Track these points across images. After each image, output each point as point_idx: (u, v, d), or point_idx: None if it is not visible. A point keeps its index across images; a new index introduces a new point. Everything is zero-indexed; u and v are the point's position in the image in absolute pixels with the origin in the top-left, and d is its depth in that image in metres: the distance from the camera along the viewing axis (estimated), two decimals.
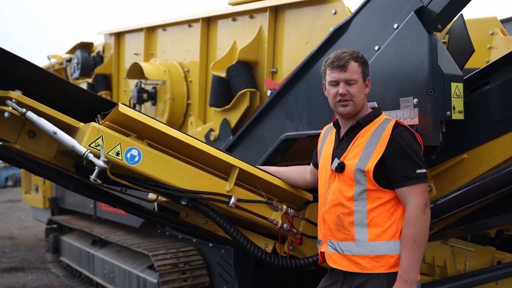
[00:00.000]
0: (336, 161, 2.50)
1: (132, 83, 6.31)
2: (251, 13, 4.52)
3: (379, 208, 2.41)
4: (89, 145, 2.61)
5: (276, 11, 4.28)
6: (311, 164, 3.02)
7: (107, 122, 2.75)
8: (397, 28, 2.97)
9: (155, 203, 3.54)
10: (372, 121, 2.52)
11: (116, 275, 5.65)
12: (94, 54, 7.45)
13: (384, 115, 2.57)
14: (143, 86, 5.58)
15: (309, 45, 3.91)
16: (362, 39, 3.25)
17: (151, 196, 3.38)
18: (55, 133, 2.62)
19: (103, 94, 6.80)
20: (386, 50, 2.97)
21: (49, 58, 8.47)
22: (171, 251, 4.92)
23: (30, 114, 2.65)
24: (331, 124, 2.79)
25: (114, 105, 3.07)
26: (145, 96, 5.54)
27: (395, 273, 2.35)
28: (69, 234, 7.75)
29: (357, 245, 2.42)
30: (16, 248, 10.13)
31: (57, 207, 8.43)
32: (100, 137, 2.63)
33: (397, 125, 2.45)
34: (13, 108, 2.64)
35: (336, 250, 2.50)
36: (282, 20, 4.25)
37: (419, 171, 2.38)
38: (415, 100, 2.77)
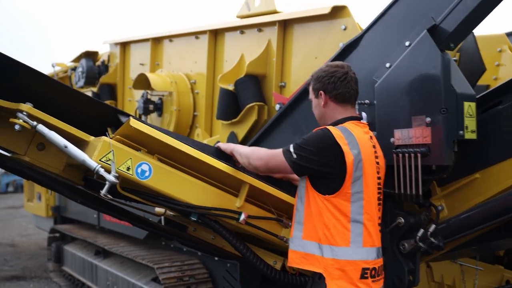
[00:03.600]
0: None
1: (137, 93, 6.30)
2: (259, 27, 4.52)
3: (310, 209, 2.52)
4: (99, 160, 2.60)
5: (285, 25, 4.27)
6: None
7: (117, 136, 2.73)
8: (409, 45, 2.97)
9: (162, 216, 3.52)
10: None
11: (120, 287, 5.61)
12: (99, 63, 7.45)
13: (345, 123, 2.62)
14: (149, 97, 5.57)
15: (318, 60, 3.90)
16: (373, 56, 3.25)
17: (159, 209, 3.35)
18: (66, 147, 2.60)
19: (107, 103, 6.79)
20: (398, 67, 2.95)
21: (53, 66, 8.49)
22: (176, 264, 4.89)
23: (41, 128, 2.63)
24: None
25: (125, 116, 3.07)
26: (151, 107, 5.53)
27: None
28: (72, 244, 7.71)
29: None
30: (18, 256, 10.09)
31: (60, 215, 8.40)
32: (111, 151, 2.61)
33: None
34: (24, 121, 2.62)
35: None
36: (291, 34, 4.25)
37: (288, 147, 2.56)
38: (428, 119, 2.75)
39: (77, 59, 7.74)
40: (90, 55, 7.54)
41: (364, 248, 2.50)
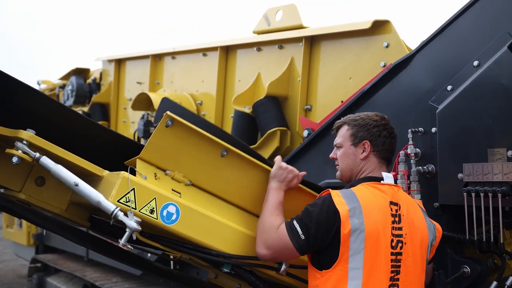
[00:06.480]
0: None
1: (134, 114, 5.81)
2: (280, 43, 4.08)
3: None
4: (118, 201, 2.10)
5: (311, 42, 3.83)
6: None
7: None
8: (478, 65, 2.56)
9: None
10: None
11: None
12: (89, 81, 6.97)
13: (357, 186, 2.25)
14: (150, 118, 5.08)
15: (353, 81, 3.47)
16: (428, 77, 2.84)
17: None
18: (76, 185, 2.09)
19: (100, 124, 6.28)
20: (467, 91, 2.53)
21: (38, 84, 8.01)
22: None
23: (45, 160, 2.11)
24: None
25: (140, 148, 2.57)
26: (152, 129, 5.03)
27: None
28: (56, 276, 7.09)
29: None
30: None
31: (42, 244, 7.76)
32: (132, 190, 2.12)
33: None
34: (24, 152, 2.11)
35: None
36: (318, 52, 3.81)
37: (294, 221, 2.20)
38: (510, 153, 2.33)
39: (66, 77, 7.24)
40: (81, 73, 7.06)
41: None
